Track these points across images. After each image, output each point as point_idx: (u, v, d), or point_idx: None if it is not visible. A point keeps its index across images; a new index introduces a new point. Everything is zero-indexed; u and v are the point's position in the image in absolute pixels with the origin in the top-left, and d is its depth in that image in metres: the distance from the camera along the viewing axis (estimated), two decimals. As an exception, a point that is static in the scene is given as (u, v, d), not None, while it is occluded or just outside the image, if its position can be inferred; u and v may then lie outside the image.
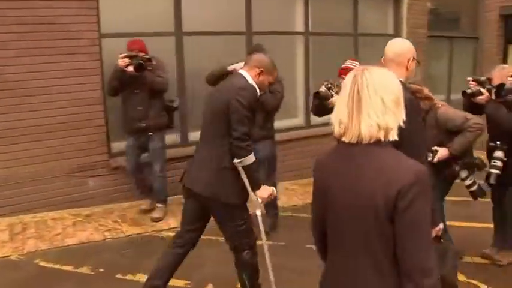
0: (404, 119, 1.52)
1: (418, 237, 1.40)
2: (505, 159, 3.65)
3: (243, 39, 5.99)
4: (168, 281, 3.14)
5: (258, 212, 3.11)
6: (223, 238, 3.17)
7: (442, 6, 8.95)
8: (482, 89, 3.57)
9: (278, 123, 6.48)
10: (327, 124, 5.52)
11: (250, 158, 2.86)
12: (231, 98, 2.82)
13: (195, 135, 6.17)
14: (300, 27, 6.55)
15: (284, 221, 5.17)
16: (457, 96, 9.12)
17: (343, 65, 4.33)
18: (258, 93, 2.96)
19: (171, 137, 5.66)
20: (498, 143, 3.66)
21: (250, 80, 2.96)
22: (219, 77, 3.84)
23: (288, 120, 6.58)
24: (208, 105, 3.08)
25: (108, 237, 4.66)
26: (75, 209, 5.14)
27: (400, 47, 2.62)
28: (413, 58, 2.58)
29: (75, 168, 5.11)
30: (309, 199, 5.58)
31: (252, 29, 6.05)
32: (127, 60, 4.59)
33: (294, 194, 6.03)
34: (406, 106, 1.55)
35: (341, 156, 1.55)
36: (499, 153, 3.65)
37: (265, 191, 3.03)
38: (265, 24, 6.16)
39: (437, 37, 8.42)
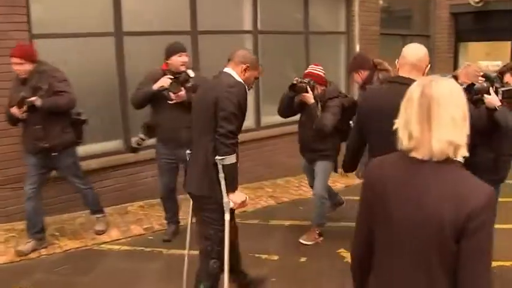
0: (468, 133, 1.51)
1: (482, 261, 1.41)
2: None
3: (188, 39, 5.85)
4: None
5: (227, 217, 2.99)
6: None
7: (394, 4, 9.11)
8: None
9: (228, 126, 6.45)
10: (279, 125, 5.56)
11: (232, 158, 2.86)
12: (220, 95, 2.86)
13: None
14: (248, 25, 6.46)
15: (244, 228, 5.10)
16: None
17: (307, 71, 4.45)
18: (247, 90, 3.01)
19: (113, 144, 5.50)
20: None
21: (238, 77, 3.01)
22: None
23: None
24: (197, 104, 3.11)
25: (44, 253, 4.42)
26: (8, 224, 4.88)
27: (422, 52, 2.82)
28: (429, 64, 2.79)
29: (3, 180, 4.83)
30: (260, 204, 5.53)
31: (197, 28, 5.91)
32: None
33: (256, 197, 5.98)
34: None
35: (407, 169, 1.52)
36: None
37: (239, 197, 2.98)
38: (212, 23, 6.04)
39: (390, 35, 8.55)
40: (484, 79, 3.37)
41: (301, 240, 4.59)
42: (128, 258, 4.36)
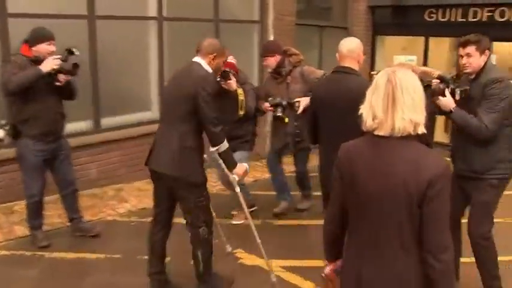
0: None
1: (440, 221, 1.79)
2: None
3: (85, 24, 5.61)
4: (163, 265, 3.61)
5: (237, 189, 3.55)
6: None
7: (313, -6, 9.27)
8: None
9: (129, 117, 6.29)
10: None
11: (225, 145, 3.36)
12: (197, 86, 3.19)
13: (107, 122, 6.05)
14: (152, 11, 6.29)
15: (126, 228, 4.99)
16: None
17: (228, 61, 4.60)
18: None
19: (82, 124, 5.76)
20: None
21: (207, 67, 3.36)
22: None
23: (140, 114, 6.36)
24: (170, 93, 3.41)
25: None
26: None
27: (353, 44, 3.39)
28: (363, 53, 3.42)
29: None
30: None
31: (95, 12, 5.67)
32: None
33: (146, 195, 5.84)
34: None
35: (372, 147, 1.88)
36: None
37: (240, 169, 3.53)
38: (111, 8, 5.82)
39: (307, 25, 8.69)
40: (439, 80, 3.45)
41: (233, 222, 5.08)
42: (3, 264, 4.13)
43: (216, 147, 3.34)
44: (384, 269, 1.87)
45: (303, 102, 4.68)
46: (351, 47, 3.34)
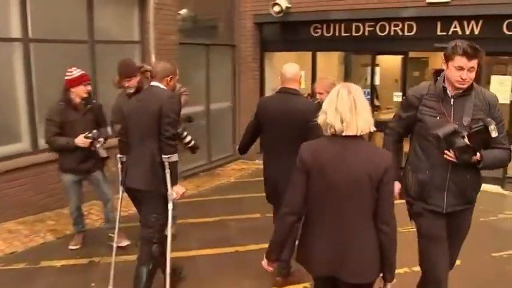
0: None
1: (391, 199, 2.54)
2: None
3: None
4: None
5: (170, 206, 3.79)
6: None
7: (197, 12, 9.38)
8: None
9: (-5, 151, 5.88)
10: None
11: (175, 157, 3.71)
12: (164, 105, 3.63)
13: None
14: (16, 32, 5.96)
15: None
16: (216, 106, 9.81)
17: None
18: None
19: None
20: None
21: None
22: None
23: (10, 146, 5.98)
24: (136, 113, 3.79)
25: None
26: None
27: (295, 69, 4.10)
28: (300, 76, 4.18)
29: None
30: (34, 242, 5.12)
31: None
32: None
33: (18, 236, 5.47)
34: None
35: (336, 144, 2.51)
36: None
37: (181, 188, 3.84)
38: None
39: (192, 44, 8.78)
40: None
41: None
42: None
43: (168, 156, 3.67)
44: (358, 240, 2.54)
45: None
46: (294, 72, 4.08)
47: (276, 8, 9.12)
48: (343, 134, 2.46)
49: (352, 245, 2.54)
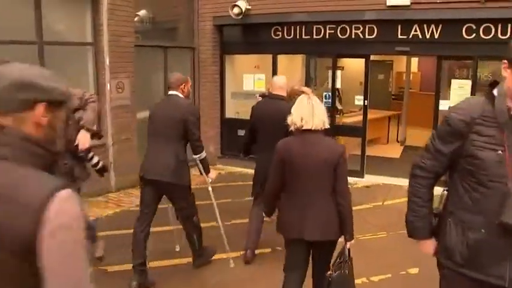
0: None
1: (345, 177, 3.46)
2: None
3: None
4: (145, 258, 4.67)
5: (210, 188, 5.16)
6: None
7: (156, 14, 9.25)
8: None
9: None
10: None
11: (204, 154, 4.83)
12: (187, 114, 4.53)
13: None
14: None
15: None
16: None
17: None
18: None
19: None
20: None
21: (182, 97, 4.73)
22: None
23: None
24: (161, 119, 4.61)
25: None
26: None
27: (284, 80, 5.29)
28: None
29: None
30: None
31: None
32: None
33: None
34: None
35: (301, 139, 3.46)
36: None
37: (213, 173, 5.20)
38: None
39: (150, 47, 8.64)
40: None
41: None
42: None
43: (199, 155, 4.78)
44: (319, 209, 3.47)
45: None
46: (283, 82, 5.27)
47: (236, 10, 9.07)
48: (303, 128, 3.43)
49: (312, 213, 3.45)
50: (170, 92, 4.72)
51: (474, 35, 7.85)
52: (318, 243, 3.50)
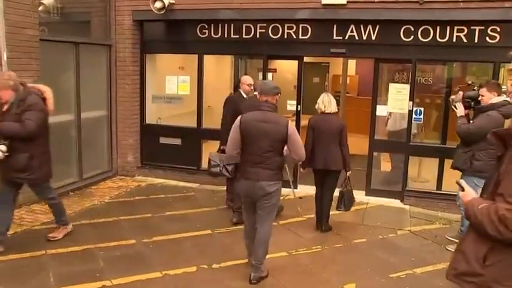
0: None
1: (346, 135, 6.68)
2: None
3: None
4: None
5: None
6: None
7: (66, 4, 8.77)
8: None
9: None
10: None
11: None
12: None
13: None
14: None
15: None
16: (89, 114, 9.17)
17: None
18: None
19: None
20: None
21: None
22: None
23: None
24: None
25: None
26: None
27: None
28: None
29: None
30: None
31: None
32: None
33: None
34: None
35: (323, 117, 6.66)
36: None
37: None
38: None
39: (59, 42, 8.14)
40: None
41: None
42: None
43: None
44: (333, 151, 6.58)
45: None
46: (244, 81, 7.40)
47: (158, 4, 8.75)
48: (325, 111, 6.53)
49: (330, 154, 6.65)
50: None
51: (412, 37, 8.02)
52: (330, 171, 6.67)
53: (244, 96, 7.26)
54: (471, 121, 6.06)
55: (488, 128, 4.93)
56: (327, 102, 6.60)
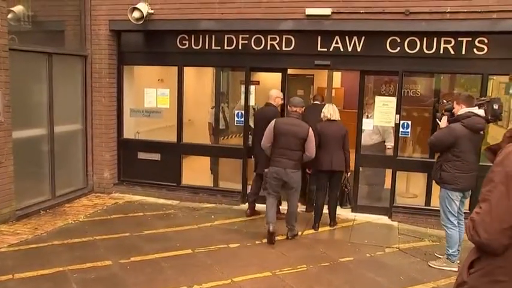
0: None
1: (347, 141, 7.81)
2: None
3: None
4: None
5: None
6: None
7: (38, 12, 8.68)
8: None
9: None
10: None
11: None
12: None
13: None
14: None
15: None
16: (62, 129, 9.06)
17: None
18: None
19: None
20: None
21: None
22: None
23: None
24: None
25: None
26: None
27: (277, 92, 8.36)
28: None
29: None
30: None
31: None
32: None
33: None
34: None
35: (329, 123, 7.76)
36: None
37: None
38: None
39: (31, 52, 8.04)
40: None
41: None
42: None
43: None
44: (337, 155, 7.65)
45: None
46: (274, 94, 8.25)
47: (136, 14, 8.68)
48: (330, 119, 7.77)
49: (335, 157, 7.69)
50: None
51: (399, 48, 8.07)
52: (335, 172, 7.66)
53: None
54: None
55: (446, 139, 6.15)
56: (332, 111, 7.72)
